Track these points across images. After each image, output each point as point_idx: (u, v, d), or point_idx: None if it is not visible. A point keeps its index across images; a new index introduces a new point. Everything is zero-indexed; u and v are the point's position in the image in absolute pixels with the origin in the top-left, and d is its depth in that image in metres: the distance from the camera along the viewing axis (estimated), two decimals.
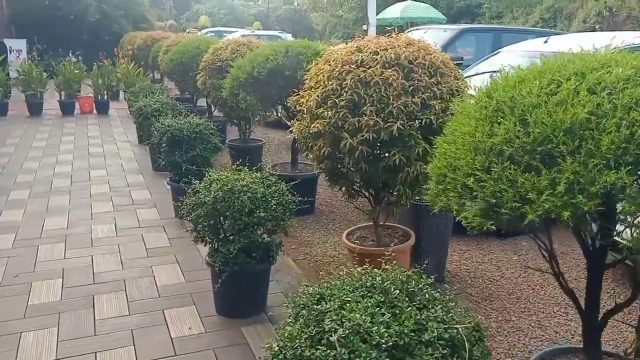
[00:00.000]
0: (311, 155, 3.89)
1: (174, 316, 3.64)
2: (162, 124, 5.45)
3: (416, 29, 10.40)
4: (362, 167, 3.60)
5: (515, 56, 6.84)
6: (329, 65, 3.74)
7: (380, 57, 3.57)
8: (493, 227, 1.81)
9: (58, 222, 5.39)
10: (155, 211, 5.78)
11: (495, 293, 4.25)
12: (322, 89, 3.65)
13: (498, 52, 7.39)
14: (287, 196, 3.62)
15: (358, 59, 3.63)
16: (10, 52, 16.20)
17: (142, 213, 5.71)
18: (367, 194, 4.04)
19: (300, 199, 3.87)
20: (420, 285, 1.84)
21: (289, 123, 8.65)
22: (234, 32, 25.98)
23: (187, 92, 11.01)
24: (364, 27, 16.10)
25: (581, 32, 18.24)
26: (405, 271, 1.96)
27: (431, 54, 3.69)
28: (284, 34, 23.46)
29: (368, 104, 3.47)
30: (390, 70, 3.51)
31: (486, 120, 1.95)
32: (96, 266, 4.42)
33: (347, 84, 3.52)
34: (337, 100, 3.54)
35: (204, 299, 3.87)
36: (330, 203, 6.41)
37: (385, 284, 1.81)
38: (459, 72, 3.82)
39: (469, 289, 4.35)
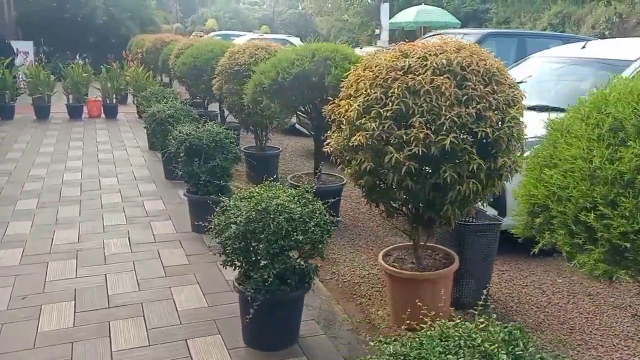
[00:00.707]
0: (349, 170, 3.55)
1: (198, 348, 3.29)
2: (180, 132, 5.11)
3: (435, 34, 10.05)
4: (407, 184, 3.26)
5: (550, 63, 6.50)
6: (371, 71, 3.39)
7: (430, 63, 3.23)
8: (626, 277, 1.46)
9: (68, 236, 5.05)
10: (171, 224, 5.44)
11: (545, 322, 3.89)
12: (364, 97, 3.31)
13: (528, 59, 7.05)
14: (325, 216, 3.27)
15: (405, 65, 3.29)
16: (17, 55, 15.90)
17: (157, 226, 5.37)
18: (407, 212, 3.69)
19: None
20: (529, 349, 1.48)
21: (306, 130, 8.40)
22: (242, 35, 25.70)
23: (198, 97, 10.70)
24: (377, 31, 15.84)
25: (601, 38, 17.85)
26: (505, 327, 1.60)
27: (485, 60, 3.35)
28: (292, 38, 23.10)
29: (417, 115, 3.13)
30: (441, 77, 3.17)
31: (602, 141, 1.60)
32: (110, 287, 4.08)
33: (393, 92, 3.18)
34: (381, 111, 3.20)
35: (229, 326, 3.52)
36: (354, 216, 6.06)
37: (488, 348, 1.46)
38: (512, 80, 3.48)
39: (516, 316, 4.00)
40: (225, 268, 3.28)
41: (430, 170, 3.28)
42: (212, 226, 3.22)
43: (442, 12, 18.55)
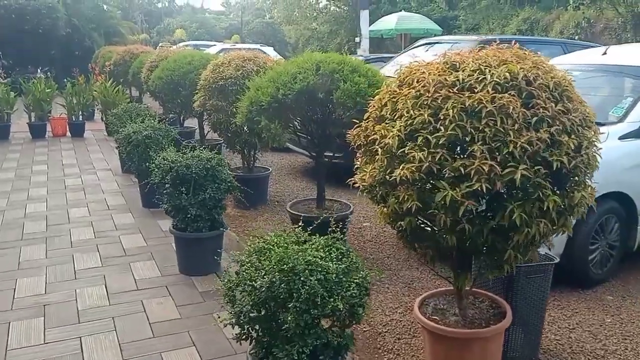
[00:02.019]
0: (384, 210, 2.89)
1: None
2: (164, 160, 4.39)
3: (426, 42, 9.50)
4: (463, 227, 2.61)
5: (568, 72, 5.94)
6: (412, 88, 2.75)
7: (490, 76, 2.59)
8: None
9: (33, 286, 4.27)
10: (154, 265, 4.70)
11: None
12: (406, 121, 2.65)
13: None
14: (364, 271, 2.60)
15: (456, 80, 2.65)
16: None
17: (138, 268, 4.62)
18: (455, 257, 3.05)
19: None
20: None
21: (299, 150, 7.67)
22: (212, 45, 24.95)
23: (173, 112, 9.94)
24: (357, 39, 15.28)
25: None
26: None
27: (551, 72, 2.73)
28: (266, 47, 22.45)
29: (478, 142, 2.49)
30: (506, 95, 2.53)
31: None
32: (88, 355, 3.33)
33: (446, 114, 2.53)
34: (430, 137, 2.55)
35: None
36: (360, 245, 5.40)
37: None
38: (578, 95, 2.87)
39: None
40: (240, 344, 2.57)
41: (491, 210, 2.65)
42: (224, 290, 2.52)
43: (422, 19, 18.11)
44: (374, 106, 3.05)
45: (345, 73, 4.30)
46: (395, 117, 2.76)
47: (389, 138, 2.67)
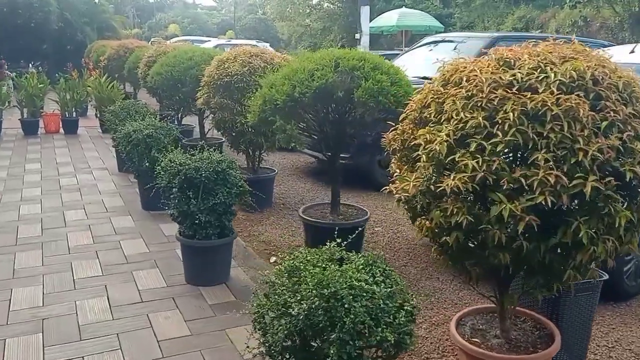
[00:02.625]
0: (426, 223, 2.60)
1: None
2: (171, 162, 4.08)
3: (437, 40, 9.21)
4: (520, 245, 2.32)
5: None
6: (461, 88, 2.46)
7: (553, 75, 2.30)
8: None
9: (29, 297, 3.95)
10: (159, 274, 4.38)
11: None
12: (456, 124, 2.36)
13: None
14: (409, 293, 2.31)
15: (514, 79, 2.36)
16: None
17: (141, 278, 4.31)
18: (503, 276, 2.76)
19: None
20: None
21: (313, 153, 7.34)
22: (206, 41, 24.57)
23: (171, 109, 9.60)
24: (357, 35, 14.97)
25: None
26: None
27: (617, 71, 2.44)
28: (262, 43, 22.10)
29: (542, 150, 2.20)
30: (573, 96, 2.24)
31: None
32: None
33: (505, 117, 2.25)
34: (486, 144, 2.26)
35: None
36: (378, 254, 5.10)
37: None
38: None
39: None
40: None
41: (550, 225, 2.36)
42: (253, 315, 2.22)
43: (423, 15, 17.82)
44: (412, 107, 2.76)
45: (366, 70, 4.01)
46: (442, 120, 2.47)
47: (437, 144, 2.37)
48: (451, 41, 8.56)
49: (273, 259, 4.99)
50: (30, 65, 17.59)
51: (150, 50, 9.43)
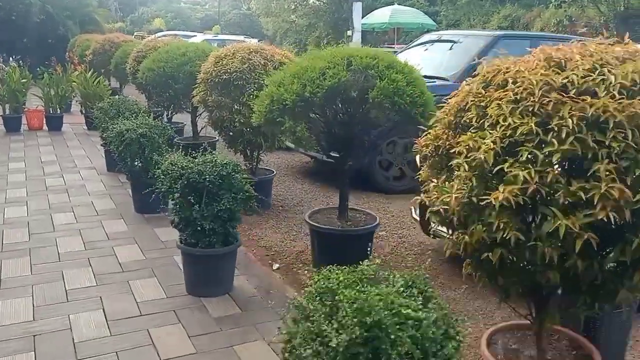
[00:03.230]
0: (465, 238, 2.37)
1: None
2: (172, 165, 3.81)
3: (429, 39, 9.00)
4: (574, 263, 2.11)
5: None
6: (507, 90, 2.24)
7: (614, 77, 2.09)
8: None
9: (19, 310, 3.67)
10: (157, 284, 4.12)
11: None
12: (504, 131, 2.14)
13: None
14: (452, 317, 2.10)
15: (568, 81, 2.14)
16: None
17: (138, 288, 4.04)
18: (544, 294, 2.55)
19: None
20: None
21: (314, 154, 7.08)
22: (192, 36, 24.15)
23: (159, 107, 9.28)
24: (349, 32, 14.73)
25: None
26: None
27: None
28: (250, 39, 21.78)
29: (604, 161, 1.99)
30: (636, 101, 2.04)
31: None
32: None
33: (561, 124, 2.03)
34: (539, 153, 2.05)
35: None
36: (383, 260, 4.87)
37: None
38: None
39: None
40: None
41: (605, 242, 2.15)
42: (279, 338, 1.98)
43: (416, 13, 17.61)
44: (447, 110, 2.53)
45: (380, 69, 3.78)
46: (486, 126, 2.25)
47: (482, 152, 2.15)
48: (451, 41, 8.35)
49: (276, 265, 4.76)
50: (11, 59, 17.10)
51: (139, 45, 9.11)
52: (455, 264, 4.70)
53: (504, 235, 2.14)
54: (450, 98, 2.56)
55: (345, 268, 2.22)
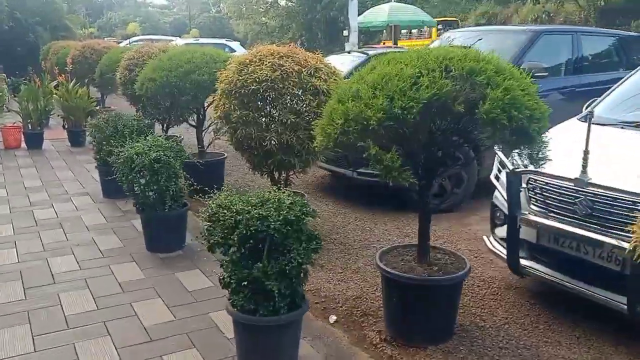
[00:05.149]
0: None
1: None
2: (221, 208, 2.90)
3: (465, 30, 8.20)
4: None
5: None
6: None
7: None
8: None
9: None
10: (199, 358, 3.21)
11: None
12: None
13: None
14: None
15: None
16: None
17: None
18: None
19: None
20: None
21: (339, 170, 6.18)
22: (171, 40, 23.03)
23: (151, 119, 8.29)
24: (345, 32, 13.86)
25: None
26: None
27: None
28: (232, 43, 20.77)
29: None
30: None
31: None
32: None
33: None
34: None
35: None
36: (470, 310, 4.02)
37: None
38: None
39: None
40: None
41: None
42: None
43: (415, 10, 16.80)
44: None
45: (488, 74, 2.92)
46: None
47: None
48: (480, 38, 7.54)
49: (333, 318, 3.88)
50: None
51: (130, 52, 8.11)
52: (551, 303, 3.89)
53: None
54: None
55: None
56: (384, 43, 18.56)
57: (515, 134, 2.94)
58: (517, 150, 3.28)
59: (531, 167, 3.48)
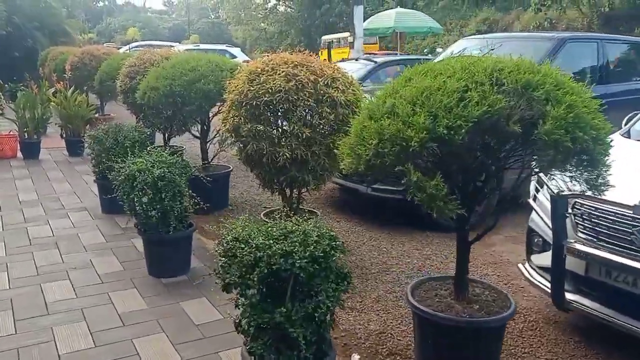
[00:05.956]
0: None
1: None
2: (239, 242, 2.51)
3: (481, 38, 7.85)
4: None
5: None
6: None
7: None
8: None
9: None
10: None
11: None
12: None
13: None
14: None
15: None
16: None
17: None
18: None
19: None
20: None
21: (369, 189, 5.78)
22: (171, 46, 22.70)
23: (152, 129, 7.90)
24: (350, 38, 13.49)
25: None
26: None
27: None
28: (232, 48, 20.45)
29: None
30: None
31: None
32: None
33: None
34: None
35: None
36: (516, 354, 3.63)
37: None
38: None
39: None
40: None
41: None
42: None
43: (423, 16, 16.42)
44: None
45: (547, 89, 2.54)
46: None
47: None
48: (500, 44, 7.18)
49: (356, 357, 3.49)
50: None
51: (130, 58, 7.74)
52: (597, 340, 3.48)
53: None
54: None
55: None
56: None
57: (579, 155, 2.56)
58: (569, 174, 2.89)
59: (577, 190, 3.11)
